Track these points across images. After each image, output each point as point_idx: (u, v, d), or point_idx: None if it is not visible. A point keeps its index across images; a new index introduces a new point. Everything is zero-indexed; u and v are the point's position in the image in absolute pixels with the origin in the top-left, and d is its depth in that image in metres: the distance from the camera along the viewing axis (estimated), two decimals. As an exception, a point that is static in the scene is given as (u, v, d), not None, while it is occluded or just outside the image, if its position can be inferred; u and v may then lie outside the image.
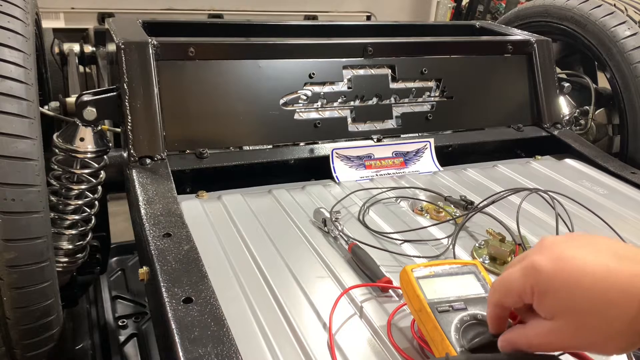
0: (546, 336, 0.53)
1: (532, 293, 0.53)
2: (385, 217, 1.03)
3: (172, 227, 0.86)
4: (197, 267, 0.77)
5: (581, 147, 1.37)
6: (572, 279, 0.51)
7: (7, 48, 0.87)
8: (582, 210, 1.09)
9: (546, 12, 1.65)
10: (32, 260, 0.84)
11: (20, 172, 0.82)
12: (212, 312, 0.69)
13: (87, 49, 1.56)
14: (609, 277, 0.50)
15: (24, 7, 0.96)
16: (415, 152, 1.26)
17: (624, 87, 1.46)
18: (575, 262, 0.52)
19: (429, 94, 1.34)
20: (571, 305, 0.51)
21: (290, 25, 1.56)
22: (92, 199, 1.12)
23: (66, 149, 1.06)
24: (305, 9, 2.54)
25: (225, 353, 0.63)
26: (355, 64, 1.27)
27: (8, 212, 0.81)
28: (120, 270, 1.73)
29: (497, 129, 1.41)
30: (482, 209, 1.05)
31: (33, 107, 0.86)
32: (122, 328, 1.50)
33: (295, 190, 1.11)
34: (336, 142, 1.23)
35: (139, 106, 1.06)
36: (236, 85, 1.17)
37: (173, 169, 1.06)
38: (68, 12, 2.22)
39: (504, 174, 1.27)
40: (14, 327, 0.88)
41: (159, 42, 1.10)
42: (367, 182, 1.17)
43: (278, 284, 0.80)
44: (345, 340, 0.71)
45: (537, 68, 1.44)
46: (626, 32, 1.45)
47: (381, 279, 0.80)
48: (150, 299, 0.93)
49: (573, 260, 0.52)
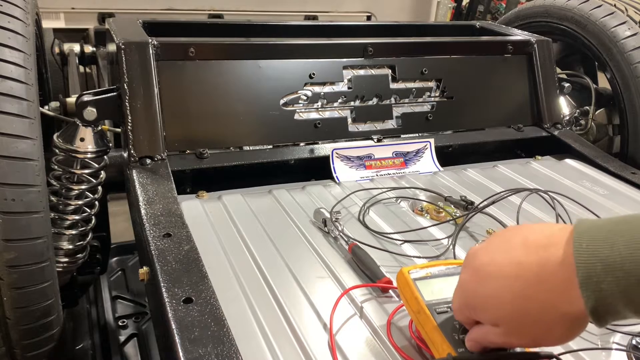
0: (500, 338, 0.54)
1: (468, 310, 0.56)
2: (386, 218, 1.03)
3: (172, 227, 0.86)
4: (197, 267, 0.77)
5: (581, 148, 1.37)
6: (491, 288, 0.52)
7: (7, 48, 0.87)
8: (583, 210, 1.09)
9: (546, 13, 1.65)
10: (32, 260, 0.84)
11: (20, 172, 0.82)
12: (212, 312, 0.69)
13: (87, 49, 1.56)
14: (522, 274, 0.50)
15: (24, 7, 0.96)
16: (416, 152, 1.25)
17: (624, 87, 1.46)
18: (489, 269, 0.53)
19: (429, 94, 1.34)
20: (501, 313, 0.52)
21: (290, 25, 1.56)
22: (92, 199, 1.12)
23: (66, 149, 1.06)
24: (305, 9, 2.54)
25: (225, 353, 0.63)
26: (355, 64, 1.27)
27: (8, 212, 0.81)
28: (121, 270, 1.73)
29: (497, 129, 1.41)
30: (482, 209, 1.05)
31: (33, 107, 0.86)
32: (122, 328, 1.50)
33: (296, 191, 1.11)
34: (336, 142, 1.23)
35: (139, 106, 1.06)
36: (236, 86, 1.17)
37: (173, 169, 1.06)
38: (68, 12, 2.22)
39: (504, 174, 1.27)
40: (14, 327, 0.88)
41: (159, 42, 1.10)
42: (367, 182, 1.17)
43: (278, 284, 0.80)
44: (345, 340, 0.71)
45: (538, 68, 1.44)
46: (626, 33, 1.45)
47: (381, 280, 0.80)
48: (151, 299, 0.93)
49: (488, 267, 0.53)
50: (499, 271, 0.52)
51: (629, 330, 0.76)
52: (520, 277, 0.51)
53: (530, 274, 0.50)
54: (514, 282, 0.51)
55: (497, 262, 0.53)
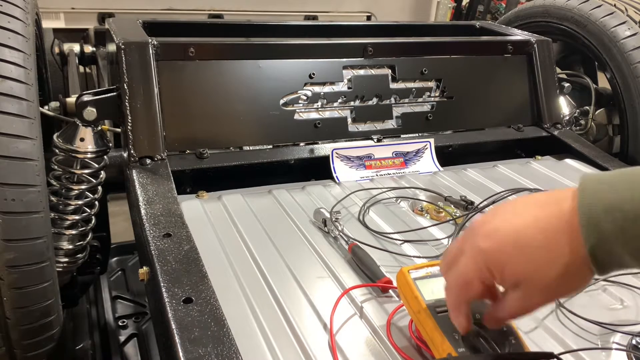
0: (520, 302, 0.56)
1: (490, 272, 0.55)
2: (386, 217, 1.03)
3: (172, 227, 0.86)
4: (197, 267, 0.77)
5: (581, 148, 1.37)
6: (515, 243, 0.53)
7: (7, 48, 0.87)
8: (582, 210, 1.09)
9: (546, 12, 1.65)
10: (32, 260, 0.84)
11: (20, 172, 0.82)
12: (212, 312, 0.69)
13: (87, 49, 1.56)
14: (542, 226, 0.52)
15: (24, 7, 0.96)
16: (416, 152, 1.25)
17: (624, 87, 1.45)
18: (509, 226, 0.54)
19: (429, 94, 1.34)
20: (527, 267, 0.53)
21: (290, 25, 1.56)
22: (92, 199, 1.12)
23: (66, 149, 1.06)
24: (305, 9, 2.54)
25: (225, 353, 0.63)
26: (355, 64, 1.27)
27: (8, 212, 0.81)
28: (121, 270, 1.73)
29: (497, 129, 1.41)
30: (482, 209, 1.05)
31: (33, 107, 0.86)
32: (122, 328, 1.50)
33: (295, 190, 1.11)
34: (336, 142, 1.23)
35: (139, 106, 1.06)
36: (236, 86, 1.17)
37: (173, 169, 1.06)
38: (68, 12, 2.22)
39: (504, 174, 1.27)
40: (14, 327, 0.88)
41: (159, 42, 1.10)
42: (367, 182, 1.17)
43: (278, 284, 0.80)
44: (345, 340, 0.71)
45: (537, 68, 1.44)
46: (626, 32, 1.45)
47: (381, 279, 0.80)
48: (151, 299, 0.93)
49: (506, 225, 0.54)
50: (518, 227, 0.54)
51: (629, 330, 0.76)
52: (542, 230, 0.52)
53: (549, 226, 0.52)
54: (537, 235, 0.52)
55: (514, 221, 0.54)
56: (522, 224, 0.54)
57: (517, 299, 0.56)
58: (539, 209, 0.54)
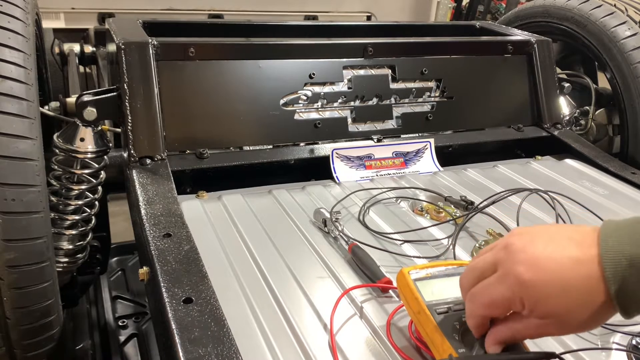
0: (536, 330, 0.57)
1: (522, 304, 0.56)
2: (386, 218, 1.03)
3: (172, 227, 0.86)
4: (197, 267, 0.77)
5: (581, 148, 1.37)
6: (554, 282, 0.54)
7: (7, 48, 0.87)
8: (583, 210, 1.09)
9: (546, 13, 1.65)
10: (32, 260, 0.84)
11: (20, 172, 0.82)
12: (212, 312, 0.69)
13: (87, 49, 1.56)
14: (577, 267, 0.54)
15: (24, 7, 0.96)
16: (416, 152, 1.25)
17: (624, 87, 1.46)
18: (550, 264, 0.55)
19: (429, 94, 1.34)
20: (562, 306, 0.54)
21: (290, 25, 1.56)
22: (92, 199, 1.12)
23: (66, 149, 1.06)
24: (305, 9, 2.54)
25: (225, 353, 0.63)
26: (355, 64, 1.27)
27: (8, 212, 0.81)
28: (121, 270, 1.73)
29: (498, 129, 1.41)
30: (482, 209, 1.05)
31: (33, 107, 0.86)
32: (122, 328, 1.50)
33: (295, 191, 1.11)
34: (336, 142, 1.23)
35: (139, 106, 1.06)
36: (236, 86, 1.17)
37: (173, 169, 1.06)
38: (68, 12, 2.22)
39: (504, 174, 1.27)
40: (14, 327, 0.88)
41: (159, 42, 1.10)
42: (367, 182, 1.17)
43: (278, 284, 0.80)
44: (345, 340, 0.71)
45: (537, 68, 1.44)
46: (626, 33, 1.45)
47: (381, 280, 0.80)
48: (151, 299, 0.93)
49: (548, 262, 0.55)
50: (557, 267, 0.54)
51: (629, 330, 0.76)
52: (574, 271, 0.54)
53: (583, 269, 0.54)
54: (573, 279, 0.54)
55: (554, 257, 0.55)
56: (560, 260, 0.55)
57: (537, 326, 0.56)
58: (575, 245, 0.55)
